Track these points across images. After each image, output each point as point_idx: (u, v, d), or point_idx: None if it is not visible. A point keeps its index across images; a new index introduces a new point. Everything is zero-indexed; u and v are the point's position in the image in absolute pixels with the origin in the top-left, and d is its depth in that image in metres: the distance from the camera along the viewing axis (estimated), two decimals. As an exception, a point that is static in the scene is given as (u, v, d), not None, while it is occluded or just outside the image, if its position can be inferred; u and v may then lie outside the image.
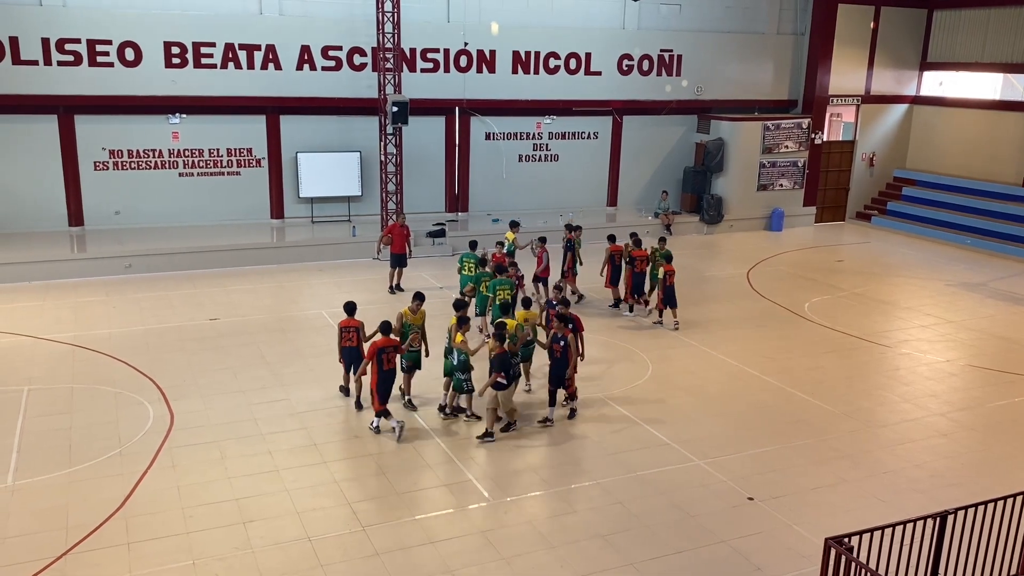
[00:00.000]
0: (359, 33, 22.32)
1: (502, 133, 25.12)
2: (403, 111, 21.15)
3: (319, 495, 10.29)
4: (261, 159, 22.66)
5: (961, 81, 28.61)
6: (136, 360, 14.38)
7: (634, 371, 14.77)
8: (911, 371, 15.24)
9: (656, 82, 26.28)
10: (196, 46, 21.13)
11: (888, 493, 10.81)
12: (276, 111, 22.42)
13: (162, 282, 19.17)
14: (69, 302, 17.58)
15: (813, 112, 27.63)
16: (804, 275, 21.90)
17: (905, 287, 21.04)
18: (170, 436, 11.68)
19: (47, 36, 19.88)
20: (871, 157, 29.48)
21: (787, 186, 27.63)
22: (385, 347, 11.75)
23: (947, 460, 11.81)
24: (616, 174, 26.87)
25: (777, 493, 10.69)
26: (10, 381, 13.42)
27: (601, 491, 10.61)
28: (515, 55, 24.32)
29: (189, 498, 10.09)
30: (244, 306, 17.70)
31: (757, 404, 13.53)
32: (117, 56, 20.54)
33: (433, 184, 24.59)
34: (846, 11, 27.35)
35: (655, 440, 12.08)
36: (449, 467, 11.15)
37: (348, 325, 12.81)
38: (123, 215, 21.58)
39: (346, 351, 12.88)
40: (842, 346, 16.45)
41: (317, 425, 12.21)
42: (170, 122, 21.64)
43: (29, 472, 10.60)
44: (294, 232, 22.40)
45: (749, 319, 18.01)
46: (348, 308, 12.93)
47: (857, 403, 13.65)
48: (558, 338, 12.42)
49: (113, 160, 21.34)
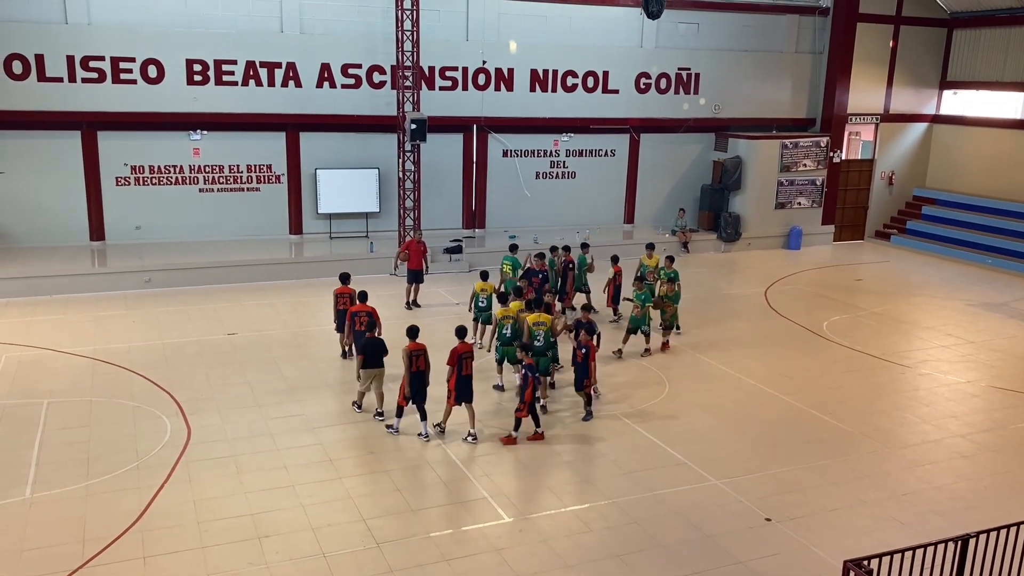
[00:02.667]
0: (378, 51, 22.52)
1: (520, 150, 25.21)
2: (421, 128, 21.28)
3: (334, 511, 10.28)
4: (280, 175, 22.86)
5: (982, 100, 28.45)
6: (154, 374, 14.48)
7: (651, 389, 14.70)
8: (931, 392, 15.08)
9: (674, 100, 26.31)
10: (217, 63, 21.38)
11: (908, 515, 10.67)
12: (296, 128, 22.63)
13: (181, 296, 19.31)
14: (90, 316, 17.74)
15: (832, 130, 27.55)
16: (823, 294, 21.76)
17: (925, 307, 20.85)
18: (187, 450, 11.72)
19: (72, 53, 20.19)
20: (890, 176, 29.33)
21: (805, 204, 27.52)
22: (464, 353, 12.12)
23: (968, 482, 11.66)
24: (633, 191, 26.87)
25: (795, 514, 10.58)
26: (31, 394, 13.53)
27: (617, 510, 10.54)
28: (533, 73, 24.43)
29: (205, 512, 10.11)
30: (262, 321, 17.79)
31: (775, 423, 13.42)
32: (140, 73, 20.82)
33: (450, 201, 24.68)
34: (865, 30, 27.31)
35: (672, 459, 12.00)
36: (465, 485, 11.12)
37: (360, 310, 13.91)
38: (144, 230, 21.80)
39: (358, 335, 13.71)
40: (861, 366, 16.31)
41: (333, 440, 12.23)
42: (191, 138, 21.88)
43: (47, 485, 10.67)
44: (312, 248, 22.54)
45: (767, 338, 17.90)
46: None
47: (876, 423, 13.52)
48: (581, 345, 13.11)
49: (135, 176, 21.58)
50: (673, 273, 17.12)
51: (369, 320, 13.50)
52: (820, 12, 27.42)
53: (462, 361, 12.10)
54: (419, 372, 12.07)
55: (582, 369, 13.04)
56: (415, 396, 12.13)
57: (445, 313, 18.10)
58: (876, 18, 27.46)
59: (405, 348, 12.09)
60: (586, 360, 12.97)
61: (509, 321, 13.95)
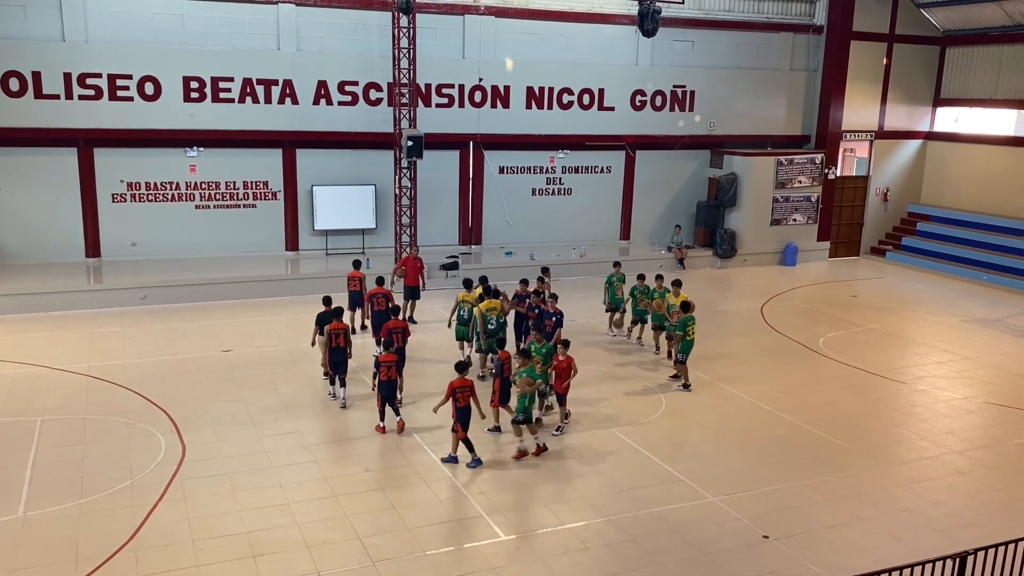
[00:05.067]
0: (375, 69, 22.61)
1: (515, 167, 25.26)
2: (418, 145, 21.34)
3: (330, 529, 10.22)
4: (277, 192, 22.87)
5: (975, 117, 28.63)
6: (150, 391, 14.42)
7: (647, 405, 14.67)
8: (928, 408, 15.08)
9: (669, 117, 26.43)
10: (215, 80, 21.44)
11: (906, 532, 10.64)
12: (292, 145, 22.67)
13: (177, 313, 19.27)
14: (85, 333, 17.68)
15: (826, 147, 27.68)
16: (819, 310, 21.78)
17: (921, 323, 20.88)
18: (182, 468, 11.66)
19: (69, 71, 20.23)
20: (885, 192, 29.46)
21: (801, 221, 27.61)
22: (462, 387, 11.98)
23: (966, 499, 11.63)
24: (629, 208, 26.94)
25: (793, 531, 10.55)
26: (25, 411, 13.47)
27: (615, 528, 10.50)
28: (529, 91, 24.53)
29: (200, 531, 10.05)
30: (258, 338, 17.75)
31: (772, 440, 13.40)
32: (137, 90, 20.86)
33: (447, 217, 24.72)
34: (858, 47, 27.51)
35: (669, 476, 11.97)
36: (461, 502, 11.07)
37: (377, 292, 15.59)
38: (140, 247, 21.78)
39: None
40: (858, 382, 16.30)
41: (328, 458, 12.17)
42: (188, 155, 21.91)
43: (40, 503, 10.60)
44: (308, 264, 22.53)
45: (763, 354, 17.90)
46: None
47: (873, 440, 13.50)
48: (551, 313, 14.77)
49: (131, 192, 21.58)
50: (688, 319, 15.40)
51: (387, 300, 15.71)
52: (814, 30, 27.62)
53: (456, 394, 11.89)
54: (339, 348, 13.85)
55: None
56: (336, 367, 13.92)
57: (441, 329, 18.07)
58: (870, 36, 27.67)
59: (328, 327, 13.92)
60: (555, 330, 14.53)
61: (467, 306, 15.67)
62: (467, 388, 11.98)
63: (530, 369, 12.46)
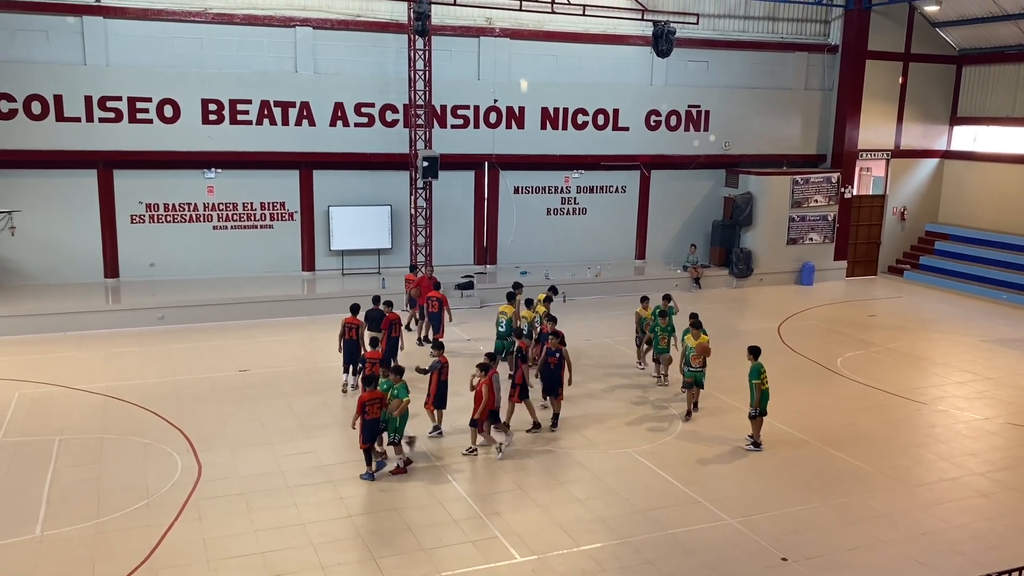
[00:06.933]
0: (391, 90, 22.79)
1: (530, 187, 25.34)
2: (433, 166, 21.45)
3: (344, 549, 10.19)
4: (294, 213, 23.03)
5: (993, 135, 28.47)
6: (166, 411, 14.48)
7: (662, 426, 14.58)
8: (948, 429, 14.90)
9: (684, 137, 26.45)
10: (233, 103, 21.67)
11: (927, 555, 10.49)
12: (309, 166, 22.85)
13: (194, 333, 19.37)
14: (102, 353, 17.80)
15: (842, 166, 27.59)
16: (836, 330, 21.63)
17: (940, 342, 20.68)
18: (197, 488, 11.68)
19: (90, 94, 20.52)
20: (902, 211, 29.30)
21: (817, 240, 27.48)
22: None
23: (988, 522, 11.46)
24: (644, 227, 26.92)
25: (812, 554, 10.42)
26: (43, 431, 13.54)
27: (631, 550, 10.40)
28: (544, 111, 24.64)
29: (215, 551, 10.04)
30: (274, 357, 17.80)
31: (790, 461, 13.27)
32: (156, 113, 21.11)
33: (462, 237, 24.79)
34: (874, 66, 27.47)
35: (685, 497, 11.86)
36: (476, 523, 11.01)
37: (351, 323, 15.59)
38: (157, 267, 21.96)
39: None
40: (876, 402, 16.14)
41: (343, 478, 12.15)
42: (206, 176, 22.12)
43: (57, 523, 10.63)
44: (324, 284, 22.62)
45: (781, 374, 17.73)
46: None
47: (893, 461, 13.34)
48: (552, 352, 14.20)
49: (149, 213, 21.79)
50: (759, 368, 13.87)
51: (440, 304, 17.21)
52: (829, 50, 27.63)
53: (365, 407, 11.98)
54: (351, 341, 15.25)
55: (553, 376, 14.15)
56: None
57: (457, 348, 18.05)
58: (885, 55, 27.62)
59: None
60: (559, 366, 14.15)
61: (504, 318, 16.41)
62: (376, 401, 12.07)
63: (400, 389, 12.39)
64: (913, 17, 27.74)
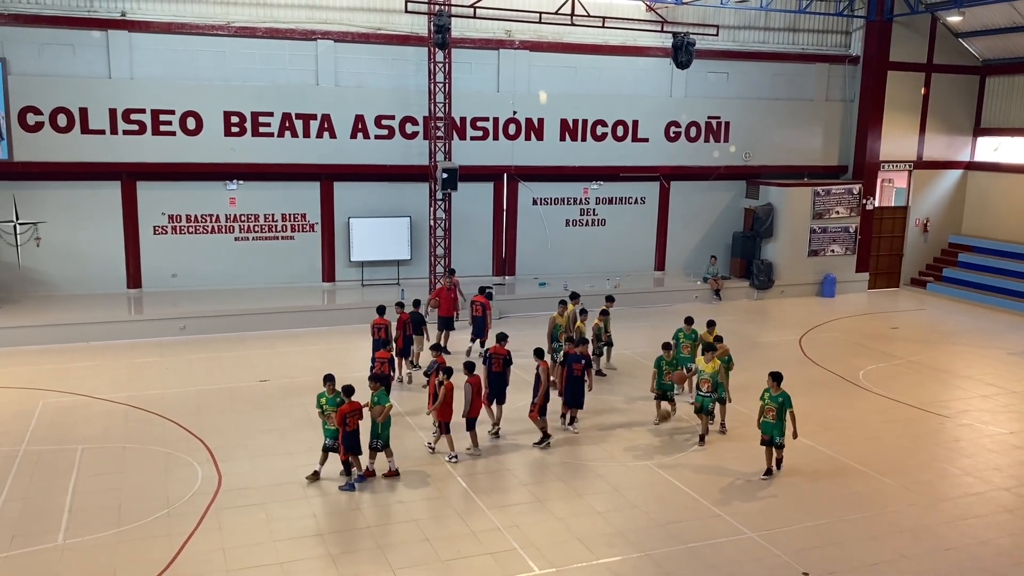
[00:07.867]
0: (411, 103, 22.91)
1: (549, 198, 25.36)
2: (453, 177, 21.53)
3: (362, 561, 10.19)
4: (314, 224, 23.18)
5: (1017, 147, 28.16)
6: (187, 420, 14.57)
7: (684, 439, 14.49)
8: (973, 443, 14.70)
9: (704, 148, 26.38)
10: (255, 115, 21.88)
11: (952, 571, 10.34)
12: (330, 177, 23.01)
13: (215, 343, 19.50)
14: (125, 362, 17.96)
15: (864, 178, 27.40)
16: (858, 342, 21.43)
17: (964, 355, 20.44)
18: (217, 497, 11.73)
19: (114, 107, 20.78)
20: (925, 223, 29.04)
21: (839, 252, 27.29)
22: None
23: (1014, 537, 11.29)
24: (664, 239, 26.86)
25: (834, 569, 10.30)
26: (65, 440, 13.67)
27: (651, 563, 10.33)
28: (563, 123, 24.68)
29: (234, 561, 10.08)
30: (293, 368, 17.88)
31: (812, 475, 13.14)
32: (179, 125, 21.35)
33: (481, 248, 24.84)
34: (896, 77, 27.29)
35: (706, 511, 11.77)
36: (495, 535, 10.98)
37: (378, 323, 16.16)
38: (179, 278, 22.16)
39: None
40: (899, 416, 15.97)
41: (362, 488, 12.16)
42: (227, 188, 22.32)
43: (79, 531, 10.72)
44: (344, 295, 22.73)
45: (802, 387, 17.55)
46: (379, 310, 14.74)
47: (916, 475, 13.18)
48: (578, 357, 14.24)
49: (172, 224, 22.01)
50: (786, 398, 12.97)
51: (483, 309, 18.13)
52: (850, 61, 27.50)
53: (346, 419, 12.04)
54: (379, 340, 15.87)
55: (577, 383, 14.26)
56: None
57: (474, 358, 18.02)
58: (907, 66, 27.44)
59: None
60: (583, 373, 14.28)
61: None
62: (356, 412, 12.10)
63: (381, 395, 12.40)
64: (935, 28, 27.56)
